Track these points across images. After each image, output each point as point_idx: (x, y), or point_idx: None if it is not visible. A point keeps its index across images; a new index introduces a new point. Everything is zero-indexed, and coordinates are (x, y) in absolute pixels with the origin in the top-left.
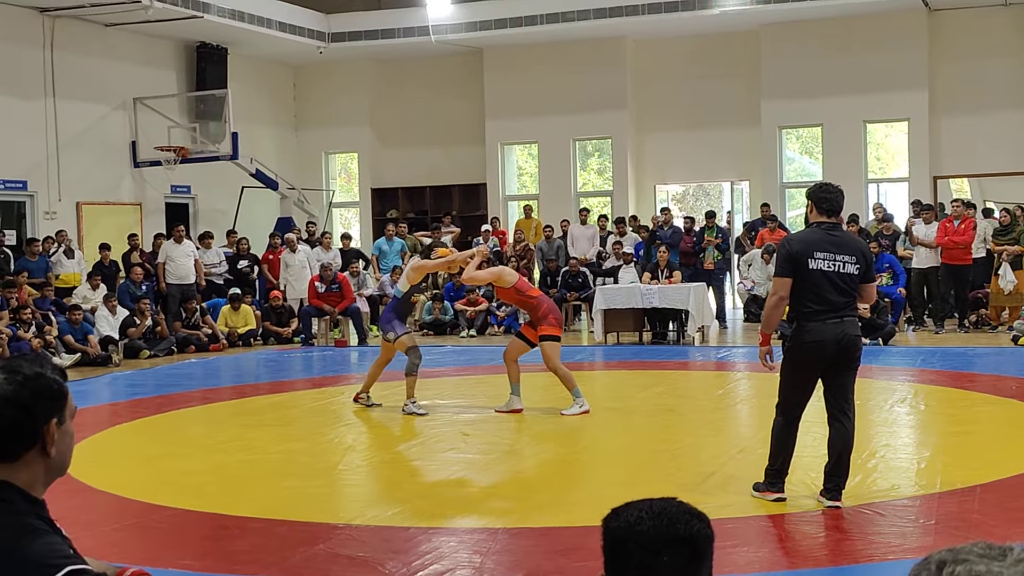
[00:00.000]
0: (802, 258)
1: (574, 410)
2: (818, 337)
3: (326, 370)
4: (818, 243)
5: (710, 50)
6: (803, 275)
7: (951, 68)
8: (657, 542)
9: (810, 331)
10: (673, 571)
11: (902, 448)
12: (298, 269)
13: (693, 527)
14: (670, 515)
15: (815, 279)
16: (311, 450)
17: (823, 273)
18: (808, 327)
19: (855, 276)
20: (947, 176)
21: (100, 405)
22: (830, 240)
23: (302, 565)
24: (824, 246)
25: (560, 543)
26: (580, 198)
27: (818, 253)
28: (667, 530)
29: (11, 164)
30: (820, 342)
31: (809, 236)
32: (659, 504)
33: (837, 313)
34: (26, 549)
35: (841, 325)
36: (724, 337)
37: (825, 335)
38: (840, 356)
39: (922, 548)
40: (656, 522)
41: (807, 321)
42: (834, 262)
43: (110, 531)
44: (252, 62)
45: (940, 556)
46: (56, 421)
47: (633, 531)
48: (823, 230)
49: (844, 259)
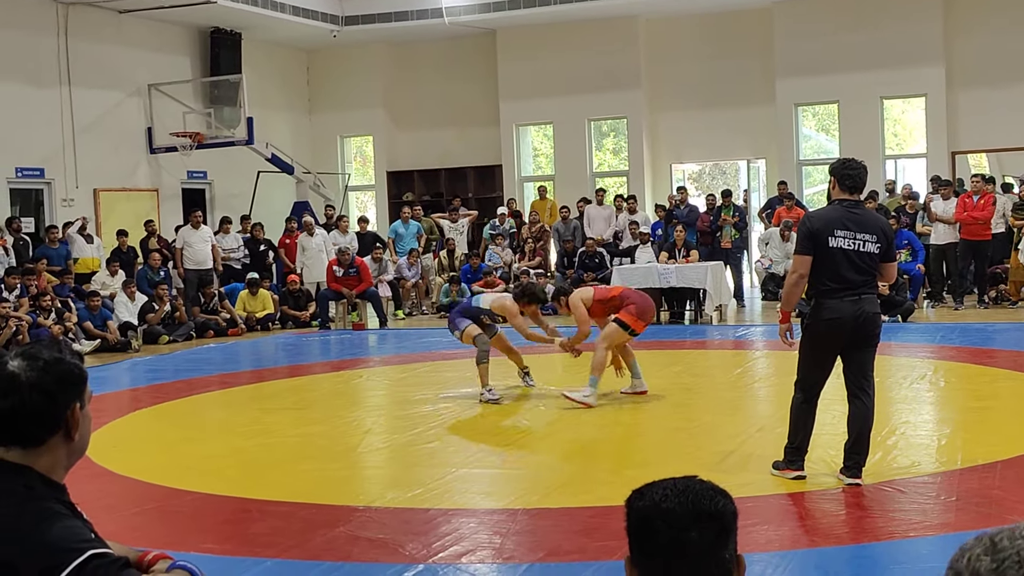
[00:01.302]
0: (822, 236)
1: (576, 395)
2: (835, 314)
3: (344, 353)
4: (839, 221)
5: (723, 28)
6: (823, 253)
7: (967, 42)
8: (685, 519)
9: (828, 308)
10: (702, 547)
11: (922, 425)
12: (315, 253)
13: (719, 503)
14: (695, 492)
15: (835, 257)
16: (330, 433)
17: (843, 251)
18: (826, 304)
19: (875, 255)
20: (965, 151)
21: (120, 391)
22: (851, 218)
23: (323, 547)
24: (845, 224)
25: (580, 523)
26: (596, 178)
27: (839, 231)
28: (694, 507)
29: (28, 152)
30: (838, 319)
31: (830, 214)
32: (682, 482)
33: (855, 291)
34: (47, 533)
35: (859, 303)
36: (742, 316)
37: (842, 312)
38: (858, 333)
39: (943, 525)
40: (682, 499)
41: (825, 298)
42: (854, 240)
43: (131, 515)
44: (266, 47)
45: (994, 531)
46: (78, 405)
47: (660, 509)
48: (844, 207)
49: (865, 238)
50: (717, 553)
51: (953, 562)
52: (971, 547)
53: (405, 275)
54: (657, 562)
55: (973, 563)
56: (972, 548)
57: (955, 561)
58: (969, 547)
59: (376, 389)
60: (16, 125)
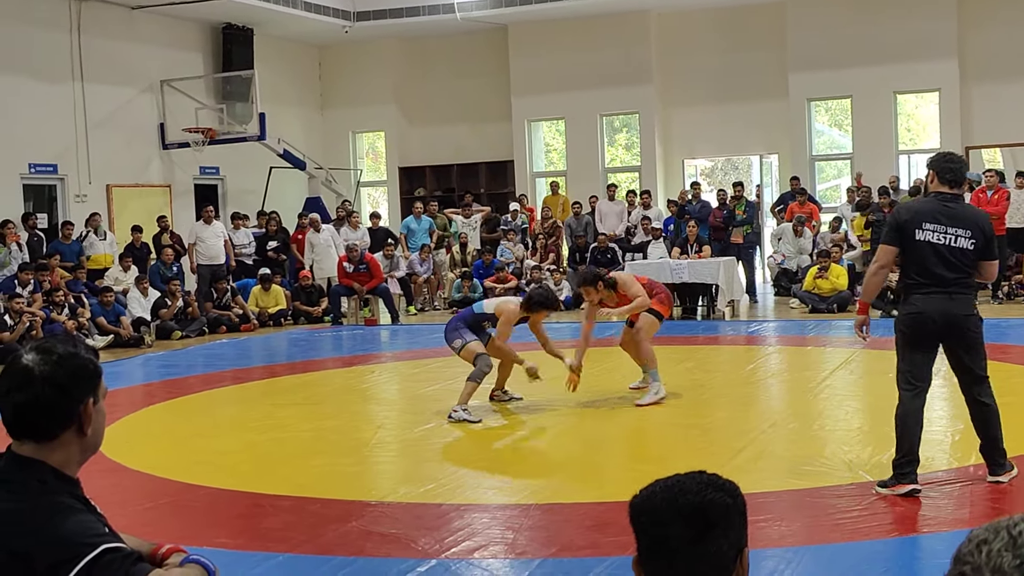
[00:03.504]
0: (909, 228)
1: (648, 399)
2: (919, 310)
3: (356, 349)
4: (930, 214)
5: (736, 22)
6: (910, 246)
7: (981, 36)
8: (665, 514)
9: (912, 303)
10: (683, 543)
11: (936, 421)
12: (324, 248)
13: (704, 497)
14: (683, 486)
15: (922, 251)
16: (342, 428)
17: (930, 245)
18: (911, 299)
19: (969, 251)
20: (979, 146)
21: (133, 386)
22: (944, 211)
23: (335, 542)
24: (936, 217)
25: (593, 518)
26: (608, 174)
27: (927, 224)
28: (676, 502)
29: (41, 148)
30: (921, 314)
31: (921, 206)
32: (676, 478)
33: (945, 288)
34: (61, 527)
35: (947, 302)
36: (754, 311)
37: (927, 308)
38: (950, 334)
39: (957, 521)
40: (667, 494)
41: (911, 293)
42: (945, 234)
43: (144, 510)
44: (278, 42)
45: (1009, 521)
46: (92, 400)
47: (644, 507)
48: (939, 200)
49: (957, 232)
50: (703, 549)
51: (966, 555)
52: (988, 540)
53: (417, 271)
54: (648, 560)
55: (995, 559)
56: (990, 542)
57: (968, 555)
58: (984, 539)
59: (388, 384)
60: (29, 121)
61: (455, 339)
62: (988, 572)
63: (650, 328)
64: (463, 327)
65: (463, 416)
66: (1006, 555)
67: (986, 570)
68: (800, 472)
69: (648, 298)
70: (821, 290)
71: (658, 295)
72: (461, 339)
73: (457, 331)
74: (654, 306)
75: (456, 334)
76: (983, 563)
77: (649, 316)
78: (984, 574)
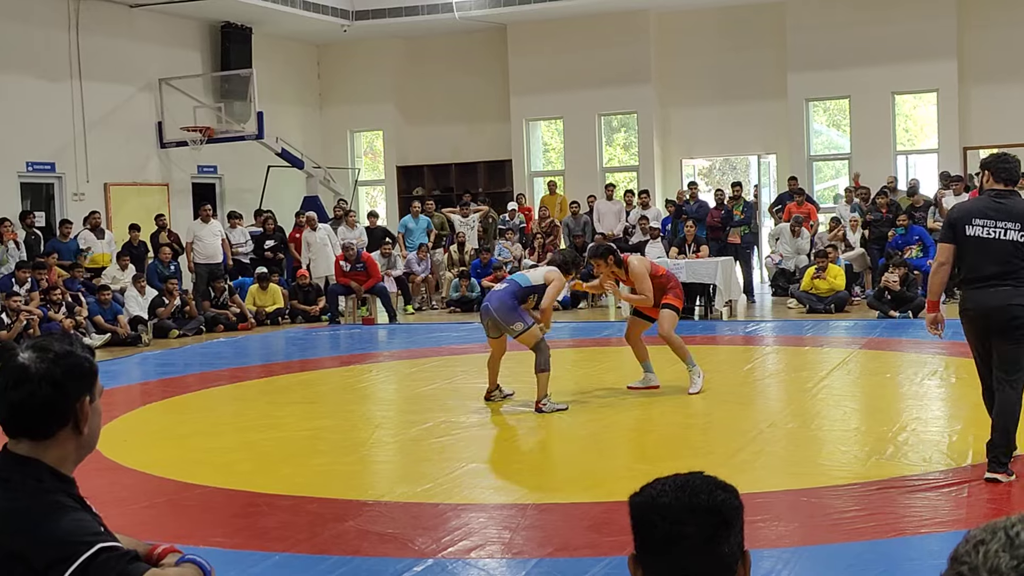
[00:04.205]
0: (959, 224)
1: (696, 387)
2: (972, 304)
3: (354, 348)
4: (980, 210)
5: (735, 22)
6: (961, 242)
7: (980, 37)
8: (681, 513)
9: (967, 298)
10: (698, 542)
11: (933, 421)
12: (320, 247)
13: (717, 497)
14: (693, 486)
15: (972, 246)
16: (340, 427)
17: (979, 240)
18: (966, 294)
19: (1020, 244)
20: (977, 147)
21: (130, 384)
22: (994, 206)
23: (332, 541)
24: (985, 213)
25: (590, 518)
26: (606, 173)
27: (976, 220)
28: (690, 500)
29: (39, 146)
30: (974, 309)
31: (973, 203)
32: (683, 478)
33: (993, 281)
34: (57, 526)
35: (998, 294)
36: (752, 311)
37: (979, 302)
38: (1000, 325)
39: (954, 521)
40: (679, 493)
41: (965, 288)
42: (994, 228)
43: (141, 508)
44: (276, 41)
45: (1006, 522)
46: (88, 399)
47: (655, 504)
48: (991, 197)
49: (1006, 225)
50: (716, 548)
51: (963, 556)
52: (984, 540)
53: (415, 270)
54: (656, 558)
55: (992, 559)
56: (988, 543)
57: (965, 555)
58: (981, 540)
59: (385, 384)
60: (27, 119)
61: (514, 320)
62: (985, 573)
63: (671, 323)
64: (520, 307)
65: (553, 407)
66: (1003, 556)
67: (983, 571)
68: (798, 472)
69: (651, 297)
70: (819, 290)
71: (673, 289)
72: (523, 322)
73: (516, 312)
74: (670, 300)
75: (516, 315)
76: (980, 564)
77: (667, 311)
78: (981, 575)
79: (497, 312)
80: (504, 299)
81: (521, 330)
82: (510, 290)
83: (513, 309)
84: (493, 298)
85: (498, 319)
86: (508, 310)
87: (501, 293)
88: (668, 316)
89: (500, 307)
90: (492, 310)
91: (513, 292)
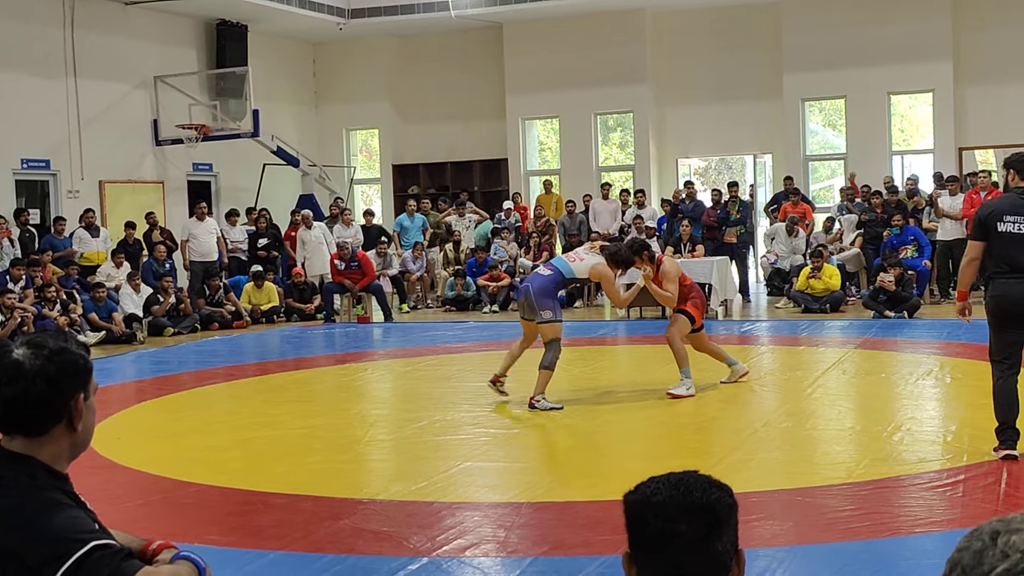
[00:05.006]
0: (990, 222)
1: (680, 390)
2: (1000, 292)
3: (349, 347)
4: (1009, 207)
5: (731, 22)
6: (993, 238)
7: (976, 37)
8: (675, 511)
9: (995, 287)
10: (692, 540)
11: (928, 421)
12: (315, 246)
13: (711, 495)
14: (687, 484)
15: (1004, 241)
16: (335, 426)
17: (1011, 235)
18: (995, 283)
19: None
20: (972, 147)
21: (125, 382)
22: (1021, 203)
23: (327, 540)
24: (1015, 209)
25: (585, 517)
26: (602, 172)
27: (1007, 216)
28: (684, 499)
29: (34, 143)
30: (1002, 297)
31: (1001, 202)
32: (677, 476)
33: None
34: (50, 524)
35: None
36: (747, 311)
37: (1007, 291)
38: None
39: (949, 521)
40: (673, 492)
41: (995, 279)
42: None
43: (136, 506)
44: (272, 39)
45: (992, 527)
46: (83, 396)
47: (649, 502)
48: (1017, 194)
49: None
50: (710, 546)
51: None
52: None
53: (410, 268)
54: (650, 556)
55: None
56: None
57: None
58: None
59: (380, 382)
60: (22, 116)
61: (547, 307)
62: None
63: (682, 328)
64: (557, 296)
65: (547, 405)
66: (998, 561)
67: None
68: (792, 471)
69: (676, 298)
70: (814, 290)
71: (693, 299)
72: (552, 312)
73: (551, 299)
74: (688, 309)
75: (550, 302)
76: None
77: (682, 316)
78: None
79: (536, 294)
80: (546, 285)
81: (548, 319)
82: (554, 278)
83: (551, 296)
84: (536, 280)
85: (533, 301)
86: (546, 295)
87: (544, 279)
88: (681, 321)
89: (540, 290)
90: (532, 290)
91: (556, 280)
